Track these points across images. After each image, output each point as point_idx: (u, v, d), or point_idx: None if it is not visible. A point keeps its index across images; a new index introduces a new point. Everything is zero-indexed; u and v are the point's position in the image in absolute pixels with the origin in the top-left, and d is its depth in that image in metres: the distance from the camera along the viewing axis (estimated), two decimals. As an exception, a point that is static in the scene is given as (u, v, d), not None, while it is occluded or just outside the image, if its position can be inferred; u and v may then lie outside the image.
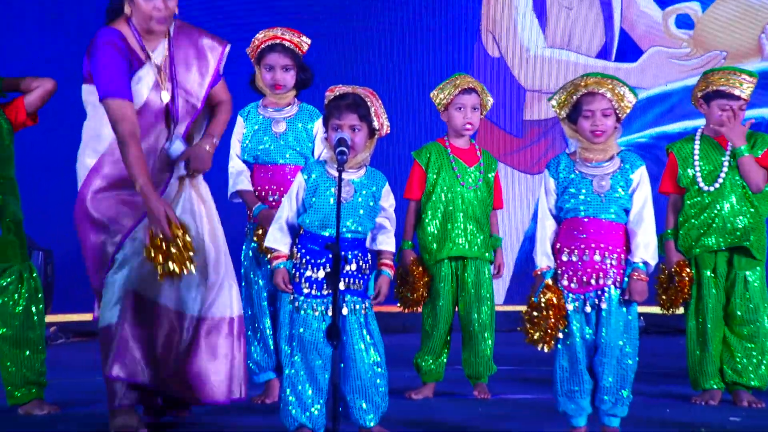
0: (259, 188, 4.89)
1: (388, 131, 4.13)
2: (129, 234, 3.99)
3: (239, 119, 4.99)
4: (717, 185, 4.84)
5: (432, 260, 4.96)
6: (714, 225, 4.84)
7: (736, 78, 4.79)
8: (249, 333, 4.83)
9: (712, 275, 4.88)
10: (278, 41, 4.93)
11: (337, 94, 4.10)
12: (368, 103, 4.07)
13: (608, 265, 4.12)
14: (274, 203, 4.73)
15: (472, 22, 8.04)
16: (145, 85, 3.95)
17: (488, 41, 8.08)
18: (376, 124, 4.08)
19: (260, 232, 4.79)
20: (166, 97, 3.98)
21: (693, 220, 4.88)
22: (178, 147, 4.08)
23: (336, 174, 3.90)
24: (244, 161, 4.93)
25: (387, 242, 4.15)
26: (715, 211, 4.84)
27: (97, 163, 4.01)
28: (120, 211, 4.00)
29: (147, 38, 3.96)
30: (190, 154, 4.11)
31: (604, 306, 4.11)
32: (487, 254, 4.97)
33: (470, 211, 4.93)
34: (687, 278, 4.83)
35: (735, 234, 4.83)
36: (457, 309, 5.03)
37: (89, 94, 4.01)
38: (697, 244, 4.87)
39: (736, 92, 4.78)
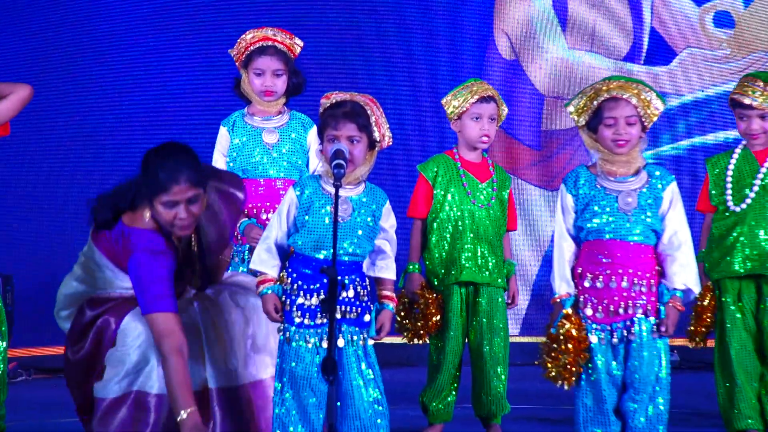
0: (250, 205, 4.90)
1: (390, 143, 4.14)
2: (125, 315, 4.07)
3: (222, 130, 4.99)
4: (744, 205, 4.87)
5: (441, 285, 4.94)
6: (736, 248, 4.86)
7: (749, 85, 4.81)
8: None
9: (739, 302, 4.89)
10: (269, 43, 4.94)
11: (334, 101, 4.11)
12: (368, 112, 4.08)
13: (637, 293, 4.13)
14: (267, 221, 4.70)
15: (484, 21, 8.07)
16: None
17: (502, 42, 8.11)
18: (376, 134, 4.09)
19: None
20: (196, 283, 4.17)
21: (717, 242, 4.90)
22: None
23: (332, 190, 3.92)
24: None
25: (387, 269, 4.15)
26: (735, 234, 4.85)
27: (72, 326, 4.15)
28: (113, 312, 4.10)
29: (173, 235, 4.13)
30: (217, 268, 4.26)
31: (633, 338, 4.12)
32: (500, 280, 4.96)
33: (481, 232, 4.93)
34: (709, 305, 4.86)
35: (760, 260, 4.83)
36: (467, 341, 5.03)
37: (97, 261, 4.09)
38: (718, 268, 4.89)
39: (747, 101, 4.79)
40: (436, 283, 4.96)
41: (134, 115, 7.54)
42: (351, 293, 4.03)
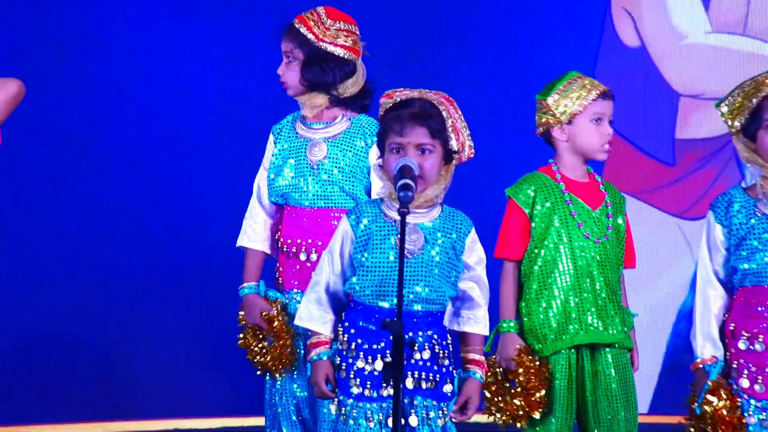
0: (289, 242, 4.88)
1: (472, 155, 4.18)
2: None
3: (270, 139, 4.99)
4: None
5: (547, 350, 4.88)
6: None
7: None
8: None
9: None
10: (293, 20, 4.98)
11: (398, 100, 4.14)
12: (443, 114, 4.11)
13: (810, 359, 4.13)
14: (310, 265, 4.73)
15: (599, -3, 8.10)
16: None
17: (623, 24, 8.10)
18: (454, 143, 4.12)
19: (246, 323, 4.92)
20: None
21: None
22: None
23: (397, 217, 3.93)
24: (273, 202, 4.94)
25: (476, 322, 4.18)
26: None
27: None
28: None
29: None
30: None
31: (807, 420, 4.13)
32: (628, 339, 4.91)
33: (600, 276, 4.90)
34: None
35: None
36: (577, 422, 4.95)
37: None
38: None
39: None
40: (537, 346, 4.89)
41: (138, 118, 7.63)
42: (426, 355, 4.06)
